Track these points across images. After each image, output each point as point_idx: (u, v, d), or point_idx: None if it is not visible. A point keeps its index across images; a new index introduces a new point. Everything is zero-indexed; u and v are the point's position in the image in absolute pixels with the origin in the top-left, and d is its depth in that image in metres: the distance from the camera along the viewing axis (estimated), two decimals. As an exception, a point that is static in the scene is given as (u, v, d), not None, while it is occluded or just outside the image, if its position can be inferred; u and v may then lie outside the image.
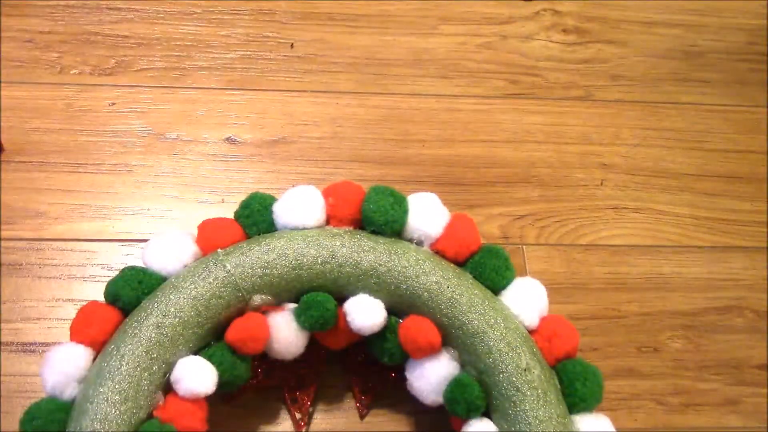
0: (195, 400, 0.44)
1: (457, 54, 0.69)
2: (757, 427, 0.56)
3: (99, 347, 0.45)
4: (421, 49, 0.69)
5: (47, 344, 0.51)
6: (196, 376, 0.44)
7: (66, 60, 0.63)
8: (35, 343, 0.52)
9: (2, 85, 0.61)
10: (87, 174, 0.59)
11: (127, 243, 0.56)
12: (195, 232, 0.49)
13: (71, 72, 0.62)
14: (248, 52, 0.66)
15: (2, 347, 0.51)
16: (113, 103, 0.62)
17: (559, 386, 0.47)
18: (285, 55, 0.67)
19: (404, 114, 0.65)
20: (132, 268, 0.47)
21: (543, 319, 0.49)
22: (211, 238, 0.48)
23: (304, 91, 0.65)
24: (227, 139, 0.62)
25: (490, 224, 0.61)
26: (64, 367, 0.43)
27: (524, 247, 0.60)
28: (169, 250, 0.47)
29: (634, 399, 0.56)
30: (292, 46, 0.67)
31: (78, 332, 0.45)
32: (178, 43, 0.65)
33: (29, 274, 0.54)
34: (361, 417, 0.52)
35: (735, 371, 0.57)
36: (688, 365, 0.57)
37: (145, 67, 0.64)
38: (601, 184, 0.64)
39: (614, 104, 0.69)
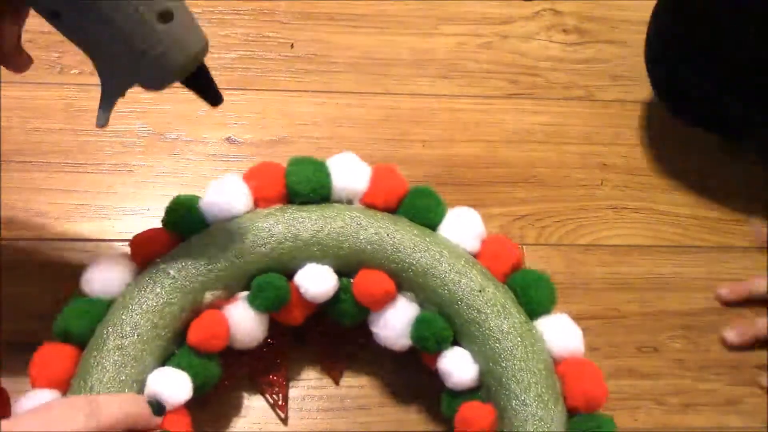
0: (176, 410, 0.44)
1: (457, 54, 0.69)
2: (757, 427, 0.56)
3: (64, 386, 0.44)
4: (421, 49, 0.69)
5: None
6: (171, 386, 0.44)
7: (66, 60, 0.63)
8: (35, 343, 0.51)
9: (2, 85, 0.61)
10: (87, 174, 0.59)
11: (127, 243, 0.56)
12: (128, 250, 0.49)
13: (71, 72, 0.62)
14: (248, 52, 0.66)
15: (2, 347, 0.51)
16: (113, 103, 0.62)
17: (514, 298, 0.49)
18: (285, 55, 0.67)
19: (404, 114, 0.65)
20: (75, 301, 0.47)
21: (483, 242, 0.51)
22: (146, 251, 0.48)
23: (304, 91, 0.65)
24: (227, 139, 0.62)
25: (490, 224, 0.60)
26: None
27: (524, 247, 0.60)
28: (107, 273, 0.47)
29: (634, 399, 0.56)
30: (292, 46, 0.67)
31: (39, 377, 0.44)
32: (178, 43, 0.65)
33: (29, 274, 0.54)
34: (336, 382, 0.53)
35: (735, 371, 0.57)
36: (688, 365, 0.57)
37: (145, 67, 0.64)
38: (601, 184, 0.64)
39: (614, 104, 0.69)
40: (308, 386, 0.53)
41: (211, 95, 0.42)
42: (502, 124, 0.66)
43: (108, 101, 0.40)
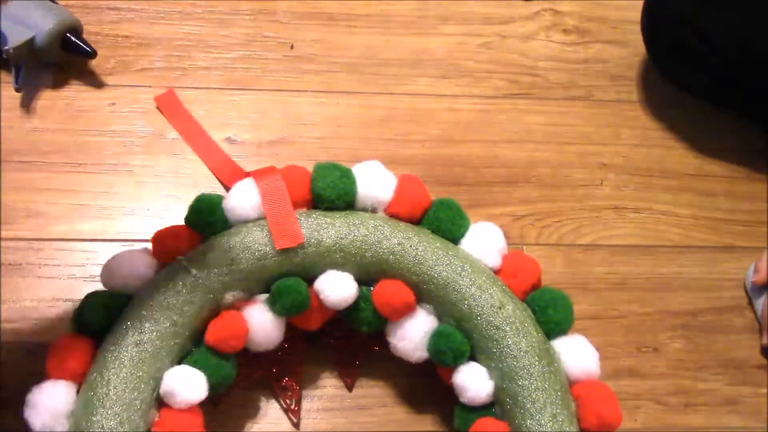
0: (190, 409, 0.44)
1: (457, 54, 0.69)
2: (757, 427, 0.56)
3: (80, 379, 0.44)
4: (421, 49, 0.69)
5: (47, 344, 0.51)
6: (186, 385, 0.44)
7: (66, 60, 0.62)
8: (35, 343, 0.52)
9: (2, 85, 0.61)
10: (87, 174, 0.59)
11: (127, 243, 0.56)
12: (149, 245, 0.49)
13: (71, 72, 0.62)
14: (248, 52, 0.66)
15: (2, 347, 0.51)
16: (113, 103, 0.62)
17: (533, 316, 0.49)
18: (285, 55, 0.67)
19: (404, 114, 0.65)
20: (94, 294, 0.47)
21: (504, 258, 0.51)
22: (167, 248, 0.48)
23: (304, 91, 0.65)
24: (227, 139, 0.62)
25: (490, 224, 0.61)
26: (49, 406, 0.42)
27: (524, 247, 0.60)
28: (128, 268, 0.47)
29: (634, 399, 0.56)
30: (291, 47, 0.67)
31: (55, 368, 0.44)
32: (178, 43, 0.65)
33: (29, 274, 0.54)
34: (350, 389, 0.53)
35: (735, 371, 0.58)
36: (688, 365, 0.57)
37: (145, 67, 0.64)
38: (601, 184, 0.64)
39: (614, 104, 0.69)
40: (321, 392, 0.53)
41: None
42: (502, 124, 0.66)
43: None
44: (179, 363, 0.45)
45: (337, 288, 0.48)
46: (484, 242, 0.50)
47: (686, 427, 0.55)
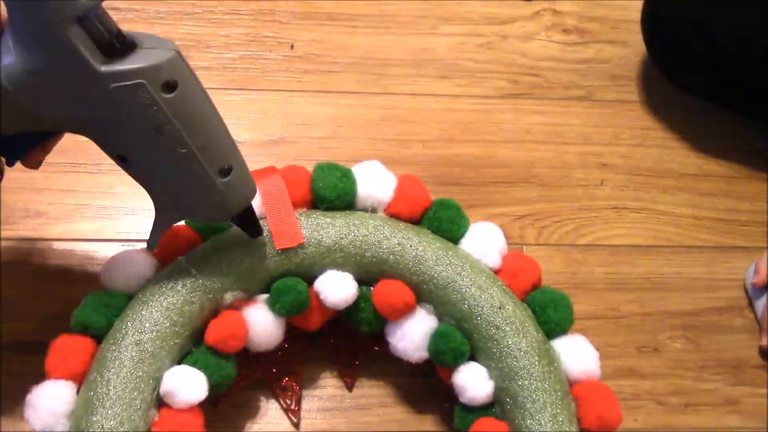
0: (190, 409, 0.44)
1: (457, 54, 0.69)
2: (757, 427, 0.56)
3: (80, 379, 0.44)
4: (421, 49, 0.69)
5: (47, 344, 0.51)
6: (186, 385, 0.44)
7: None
8: (35, 343, 0.51)
9: (2, 85, 0.61)
10: (87, 174, 0.59)
11: (127, 243, 0.56)
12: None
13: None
14: (248, 52, 0.66)
15: (2, 347, 0.51)
16: (113, 103, 0.62)
17: (533, 316, 0.49)
18: (285, 55, 0.67)
19: (404, 114, 0.65)
20: (94, 294, 0.47)
21: (504, 258, 0.51)
22: (167, 248, 0.48)
23: (304, 91, 0.65)
24: (227, 139, 0.62)
25: (490, 224, 0.61)
26: (49, 406, 0.42)
27: (524, 247, 0.60)
28: (128, 268, 0.47)
29: (634, 399, 0.56)
30: (292, 47, 0.67)
31: (56, 368, 0.44)
32: (178, 43, 0.65)
33: (29, 274, 0.54)
34: (350, 389, 0.53)
35: (735, 371, 0.57)
36: (688, 365, 0.57)
37: (145, 67, 0.64)
38: (601, 184, 0.64)
39: (614, 104, 0.69)
40: (321, 392, 0.53)
41: (252, 230, 0.45)
42: (502, 124, 0.66)
43: (160, 229, 0.43)
44: (179, 363, 0.45)
45: (337, 288, 0.48)
46: (484, 242, 0.50)
47: (686, 427, 0.55)
